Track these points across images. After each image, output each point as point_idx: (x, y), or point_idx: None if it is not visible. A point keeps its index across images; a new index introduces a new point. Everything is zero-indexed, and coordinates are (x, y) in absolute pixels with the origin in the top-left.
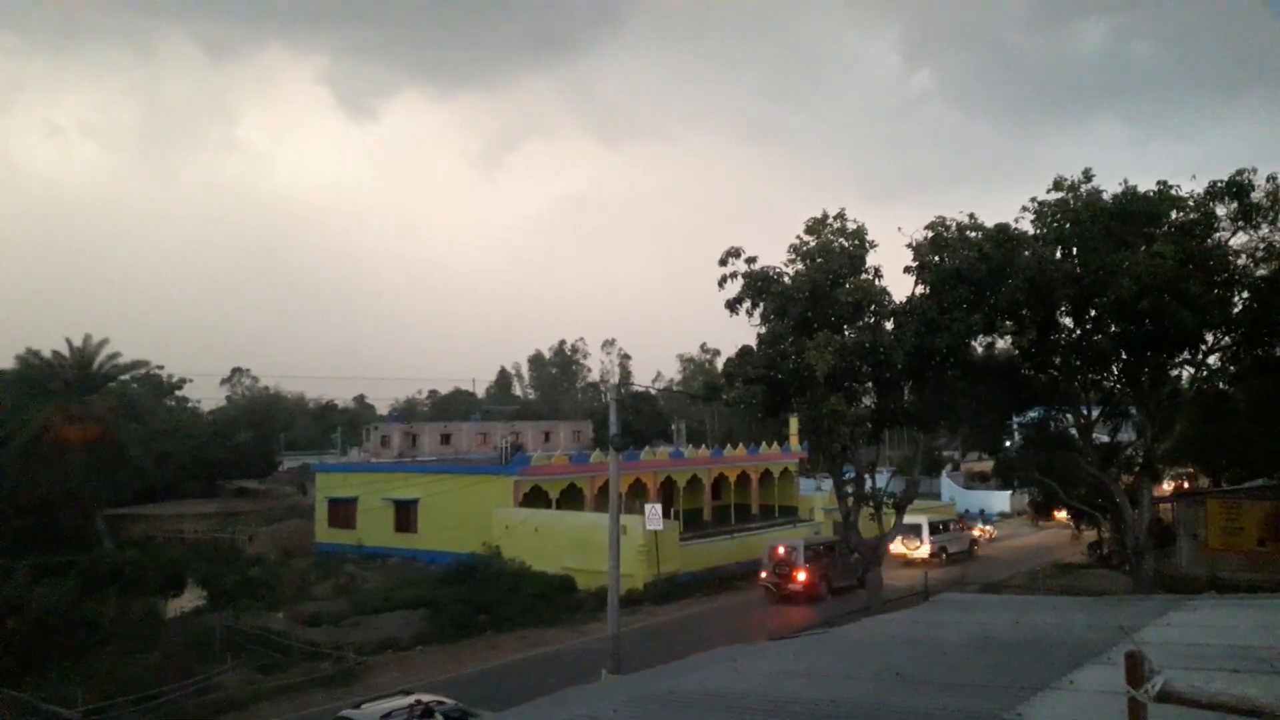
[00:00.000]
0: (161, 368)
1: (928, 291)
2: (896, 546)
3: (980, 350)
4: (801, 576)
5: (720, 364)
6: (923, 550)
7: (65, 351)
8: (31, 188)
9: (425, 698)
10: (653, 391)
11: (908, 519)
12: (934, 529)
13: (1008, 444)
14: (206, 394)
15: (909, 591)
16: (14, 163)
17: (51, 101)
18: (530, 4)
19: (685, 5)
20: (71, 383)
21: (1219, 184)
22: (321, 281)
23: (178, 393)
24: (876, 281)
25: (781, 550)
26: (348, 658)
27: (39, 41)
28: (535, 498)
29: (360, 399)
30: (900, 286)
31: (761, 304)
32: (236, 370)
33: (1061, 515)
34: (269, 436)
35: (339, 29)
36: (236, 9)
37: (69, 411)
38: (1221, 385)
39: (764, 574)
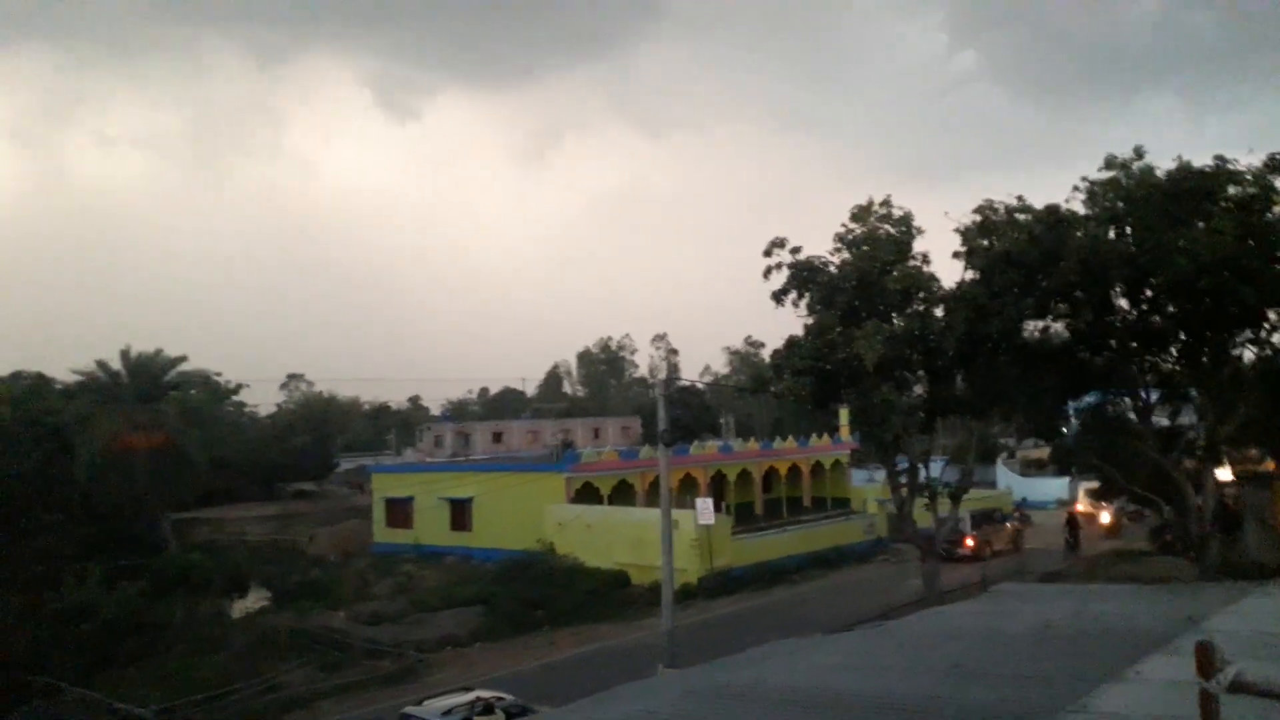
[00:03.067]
0: (220, 374)
1: (977, 276)
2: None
3: (1033, 335)
4: (970, 541)
5: (767, 356)
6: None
7: (130, 361)
8: (85, 200)
9: (485, 694)
10: (700, 386)
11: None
12: (976, 522)
13: (1064, 430)
14: (264, 399)
15: (968, 582)
16: (69, 175)
17: (103, 114)
18: (568, 1)
19: None
20: (137, 392)
21: (1278, 156)
22: (372, 284)
23: (235, 398)
24: (924, 268)
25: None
26: (408, 655)
27: (91, 57)
28: (586, 494)
29: (413, 400)
30: (949, 272)
31: (808, 294)
32: (292, 375)
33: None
34: (325, 439)
35: (380, 32)
36: (281, 16)
37: (135, 420)
38: None
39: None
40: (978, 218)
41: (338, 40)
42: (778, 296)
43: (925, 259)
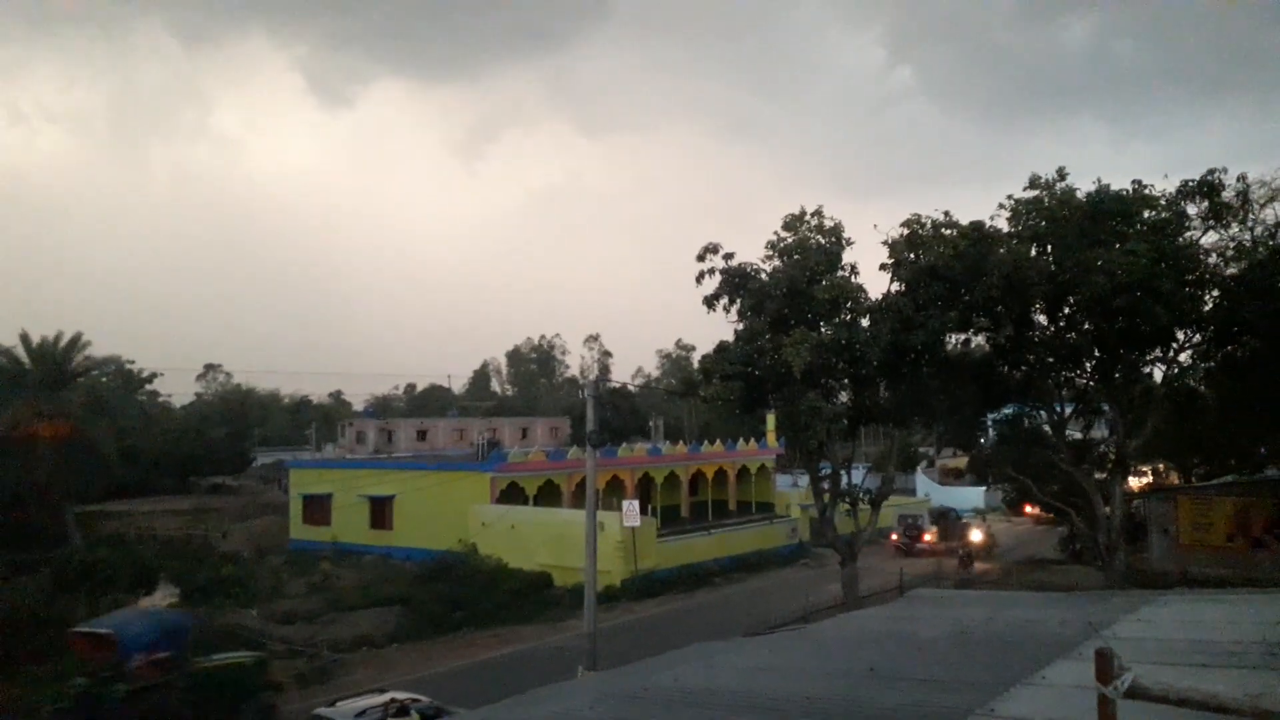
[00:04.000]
0: (133, 362)
1: (903, 289)
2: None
3: (956, 347)
4: (928, 536)
5: (697, 359)
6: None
7: (31, 346)
8: None
9: (400, 695)
10: (630, 388)
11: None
12: (934, 518)
13: (982, 441)
14: (179, 389)
15: (884, 587)
16: None
17: (15, 87)
18: None
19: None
20: (41, 378)
21: (1190, 183)
22: (296, 274)
23: (149, 387)
24: (853, 278)
25: (910, 518)
26: (322, 655)
27: (7, 27)
28: (512, 494)
29: (336, 395)
30: (876, 283)
31: (739, 300)
32: (210, 366)
33: (1032, 510)
34: (243, 433)
35: (315, 17)
36: None
37: (39, 408)
38: (1192, 383)
39: (895, 535)
40: (905, 231)
41: (270, 23)
42: (709, 301)
43: (854, 270)
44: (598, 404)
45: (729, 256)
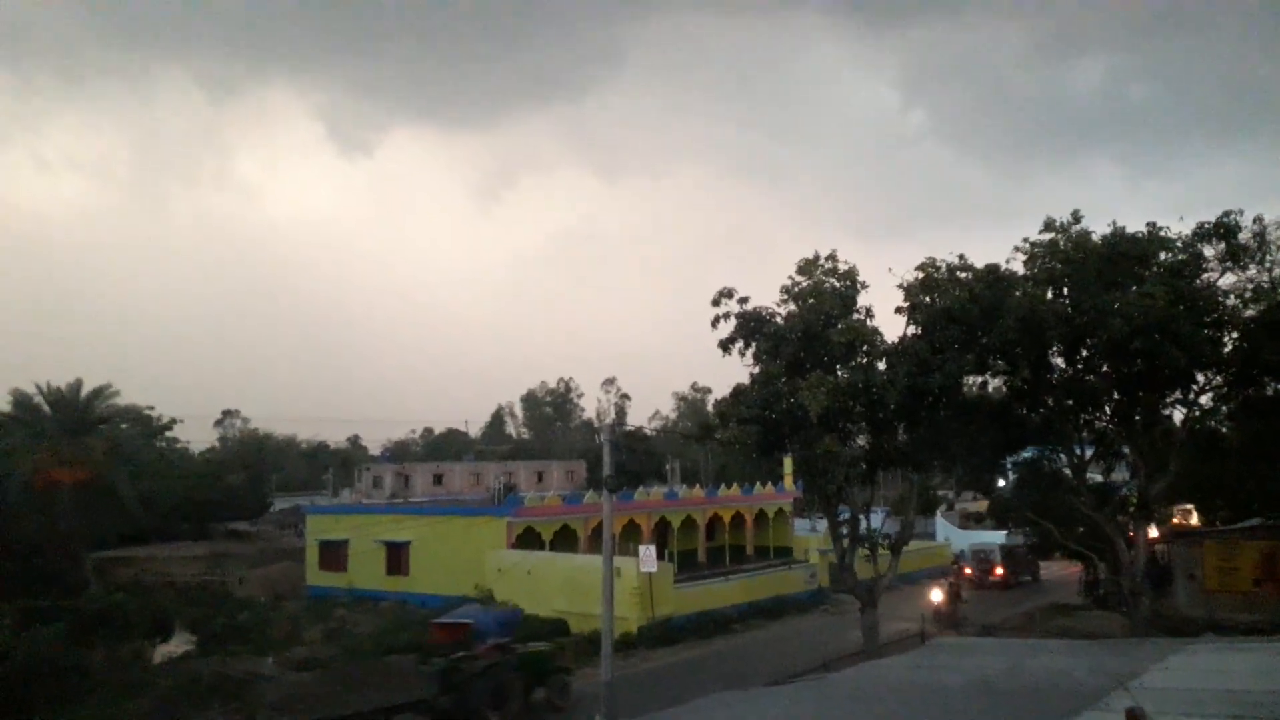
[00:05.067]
0: (152, 408)
1: (919, 332)
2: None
3: (973, 390)
4: (999, 570)
5: (713, 403)
6: None
7: (51, 394)
8: (17, 223)
9: None
10: (647, 431)
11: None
12: (1004, 554)
13: (1001, 484)
14: (197, 435)
15: (905, 634)
16: (3, 199)
17: (43, 136)
18: (529, 44)
19: (683, 43)
20: (62, 425)
21: (1206, 225)
22: (314, 320)
23: (168, 434)
24: (868, 322)
25: (983, 553)
26: None
27: (35, 78)
28: (528, 539)
29: (353, 439)
30: (892, 327)
31: (754, 344)
32: (228, 412)
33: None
34: (260, 478)
35: (334, 66)
36: (235, 47)
37: (59, 455)
38: (1214, 425)
39: (968, 569)
40: (920, 274)
41: (291, 73)
42: (725, 345)
43: (869, 313)
44: (614, 448)
45: (744, 300)
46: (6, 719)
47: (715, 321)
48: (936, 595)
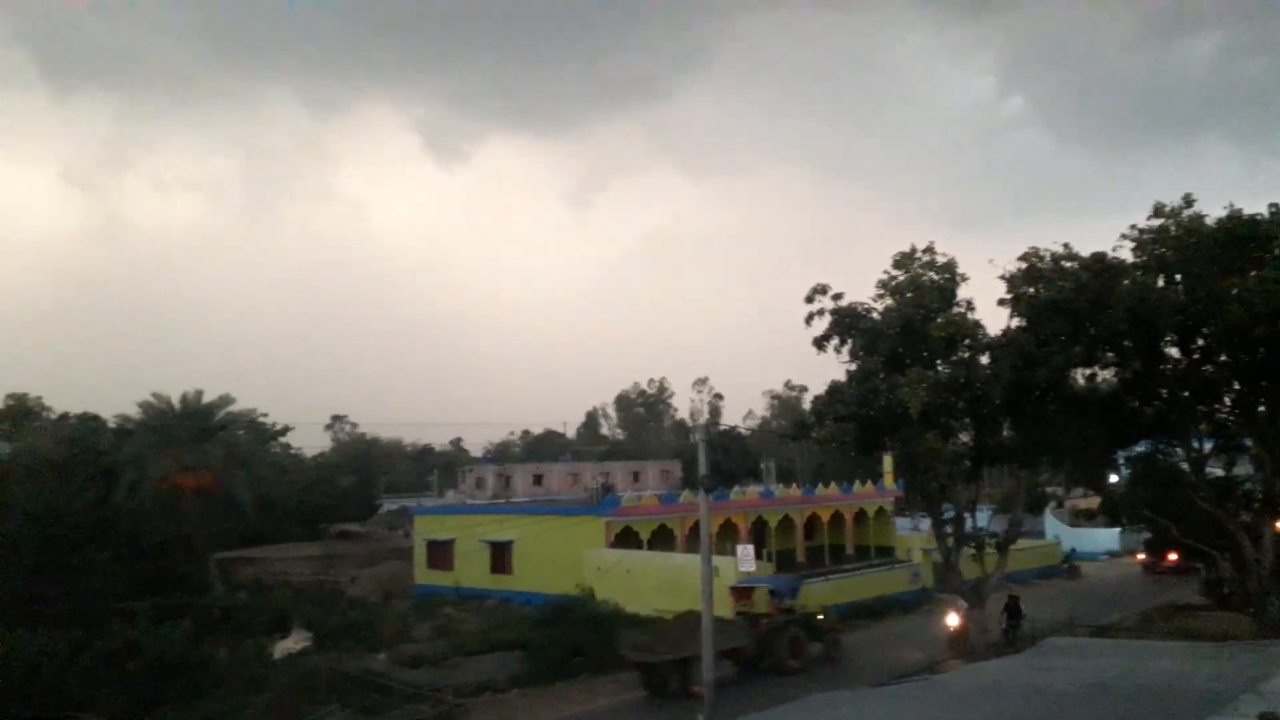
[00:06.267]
0: (266, 415)
1: (1024, 324)
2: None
3: (1081, 383)
4: (1172, 557)
5: (808, 400)
6: None
7: (177, 403)
8: (139, 243)
9: None
10: (742, 430)
11: None
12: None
13: (1114, 480)
14: (309, 441)
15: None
16: (124, 219)
17: (159, 159)
18: (617, 48)
19: (771, 40)
20: (186, 433)
21: None
22: (416, 326)
23: (282, 439)
24: (969, 315)
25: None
26: (447, 700)
27: (150, 103)
28: (626, 538)
29: (456, 442)
30: (994, 319)
31: (850, 340)
32: (337, 417)
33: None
34: (369, 480)
35: (430, 79)
36: (337, 66)
37: (183, 461)
38: None
39: (1141, 555)
40: (1023, 265)
41: (390, 87)
42: (819, 342)
43: (970, 306)
44: (709, 447)
45: (838, 297)
46: (141, 711)
47: (809, 318)
48: (952, 620)
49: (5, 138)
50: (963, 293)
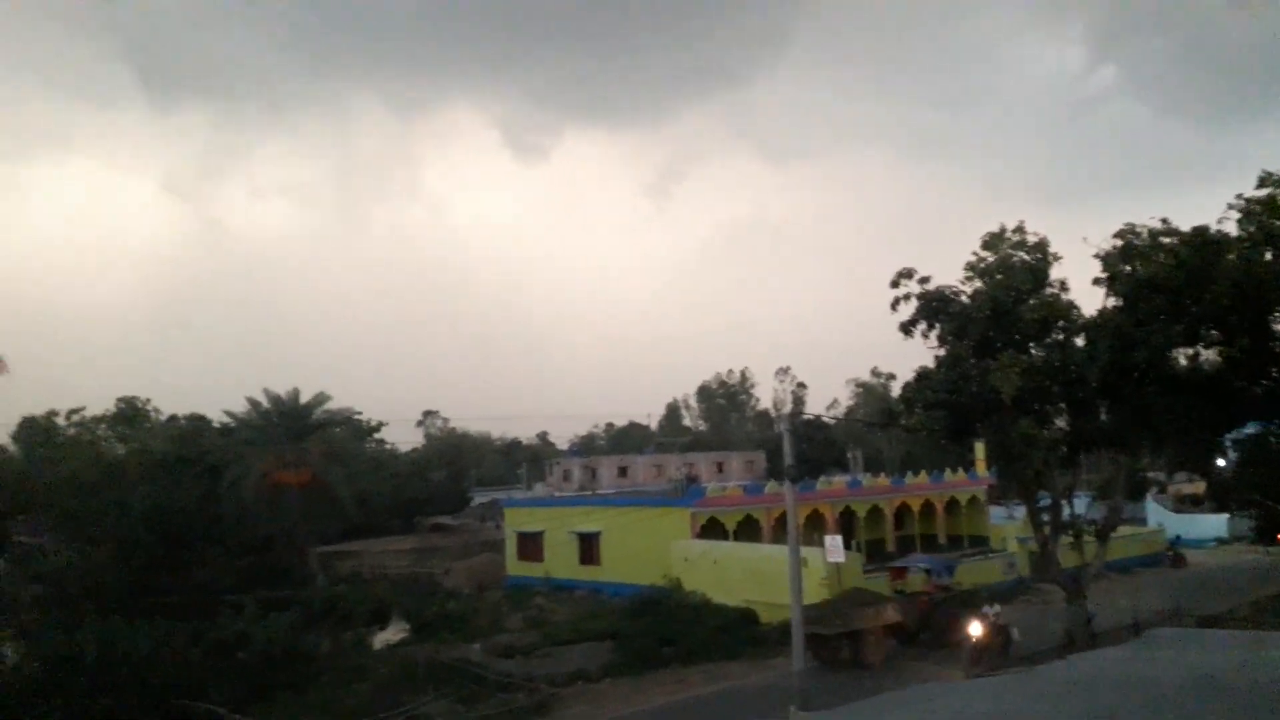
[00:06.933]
0: (360, 413)
1: (1121, 304)
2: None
3: (1183, 363)
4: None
5: (895, 388)
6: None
7: (277, 402)
8: (236, 247)
9: None
10: (826, 419)
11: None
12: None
13: (1221, 463)
14: (402, 436)
15: (1116, 625)
16: (222, 225)
17: (254, 166)
18: (693, 36)
19: (850, 20)
20: (286, 431)
21: None
22: (501, 321)
23: (376, 435)
24: (1063, 296)
25: None
26: (541, 689)
27: (245, 113)
28: (712, 529)
29: (542, 435)
30: (1089, 300)
31: (938, 325)
32: (428, 413)
33: None
34: (460, 474)
35: (509, 76)
36: (420, 68)
37: (284, 458)
38: None
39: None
40: (1119, 242)
41: (471, 87)
42: (906, 328)
43: (1063, 286)
44: (793, 437)
45: (925, 280)
46: (250, 700)
47: (895, 304)
48: (976, 629)
49: (112, 152)
50: (1055, 273)
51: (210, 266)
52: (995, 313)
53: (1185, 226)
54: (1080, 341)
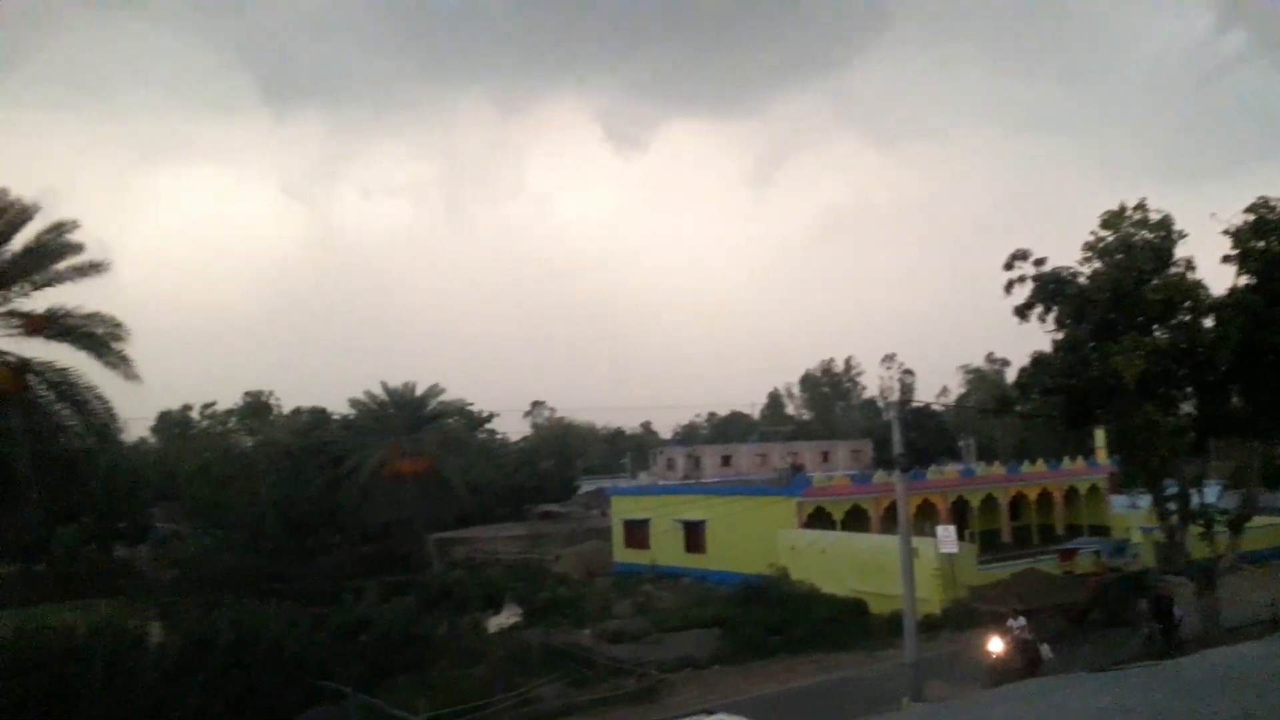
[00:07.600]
0: (472, 404)
1: (1253, 281)
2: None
3: None
4: None
5: (1010, 374)
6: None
7: (393, 394)
8: (351, 248)
9: (727, 717)
10: (937, 407)
11: None
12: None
13: None
14: (511, 427)
15: (1253, 620)
16: (337, 227)
17: (365, 168)
18: (790, 20)
19: None
20: (402, 422)
21: None
22: (605, 313)
23: (487, 426)
24: (1189, 275)
25: None
26: (650, 674)
27: (357, 117)
28: (818, 519)
29: (646, 425)
30: (1219, 278)
31: (1055, 308)
32: (536, 403)
33: None
34: (567, 463)
35: (607, 69)
36: (522, 66)
37: (402, 448)
38: None
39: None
40: (1251, 217)
41: (572, 82)
42: (1021, 311)
43: (1189, 265)
44: (903, 425)
45: (1040, 262)
46: (372, 680)
47: (1009, 286)
48: (995, 645)
49: (235, 159)
50: (1180, 251)
51: (327, 265)
52: (1116, 294)
53: None
54: (1209, 322)
